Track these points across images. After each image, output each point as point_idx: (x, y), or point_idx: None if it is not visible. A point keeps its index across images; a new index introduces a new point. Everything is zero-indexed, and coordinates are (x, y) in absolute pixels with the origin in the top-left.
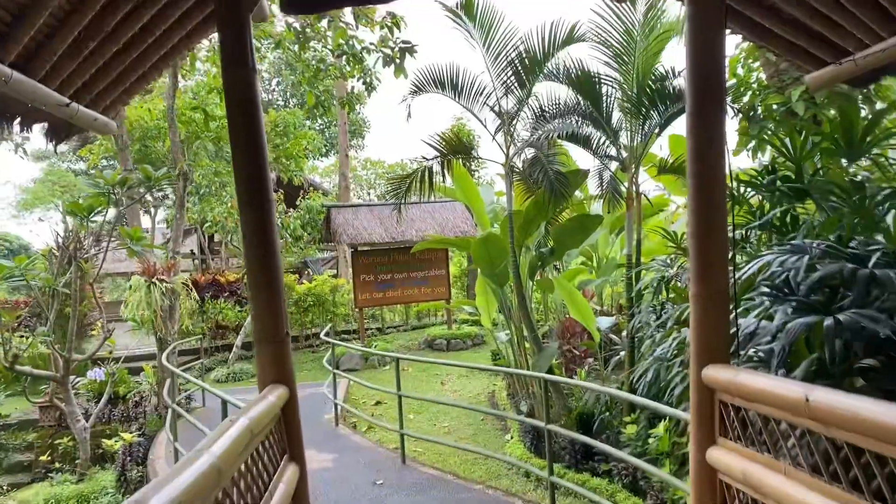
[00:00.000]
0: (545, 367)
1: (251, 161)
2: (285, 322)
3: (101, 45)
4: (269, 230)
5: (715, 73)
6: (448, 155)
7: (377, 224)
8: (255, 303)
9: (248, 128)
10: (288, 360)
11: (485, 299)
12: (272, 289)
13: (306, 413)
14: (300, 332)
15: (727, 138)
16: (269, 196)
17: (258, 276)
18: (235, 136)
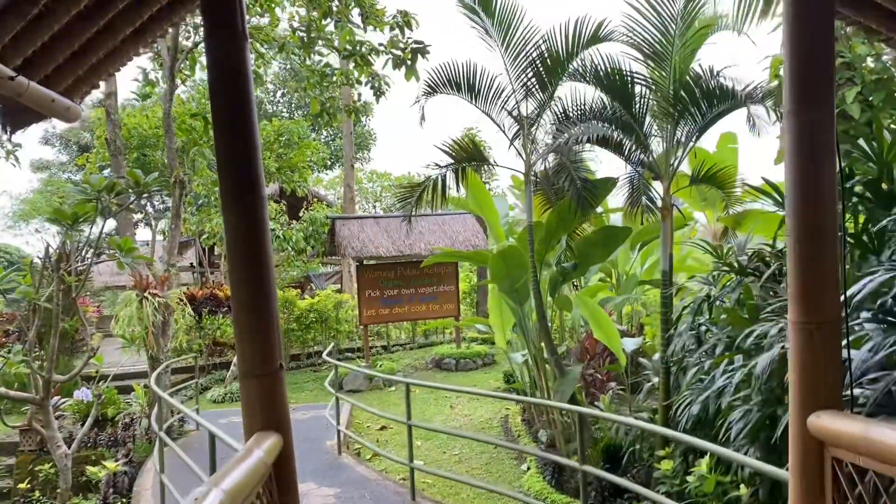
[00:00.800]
0: (568, 393)
1: (239, 148)
2: (279, 350)
3: (53, 7)
4: (259, 236)
5: (823, 59)
6: (463, 162)
7: (384, 237)
8: (240, 327)
9: (236, 107)
10: (282, 399)
11: (499, 317)
12: (263, 309)
13: (307, 439)
14: (302, 349)
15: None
16: (261, 193)
17: (245, 293)
18: (220, 117)
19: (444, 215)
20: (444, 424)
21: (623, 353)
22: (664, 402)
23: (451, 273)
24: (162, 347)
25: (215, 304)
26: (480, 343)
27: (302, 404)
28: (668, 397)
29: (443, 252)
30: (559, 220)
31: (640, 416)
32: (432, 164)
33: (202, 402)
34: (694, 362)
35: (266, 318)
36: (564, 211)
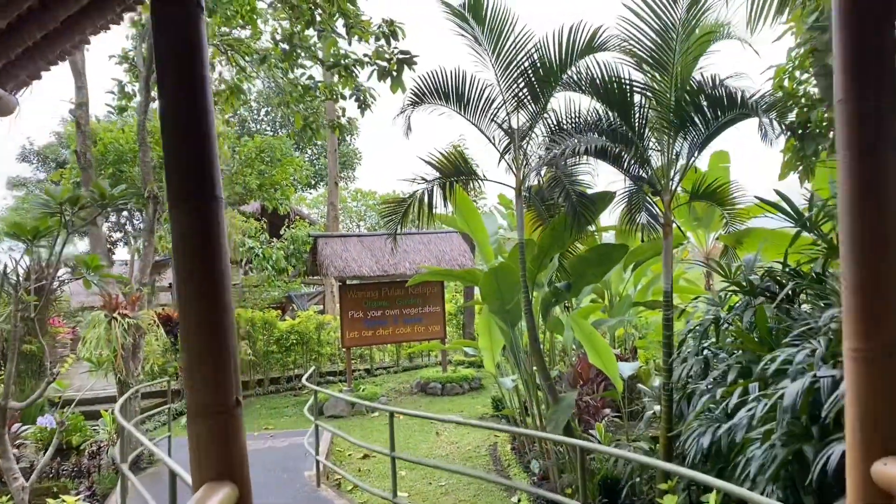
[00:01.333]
0: (563, 422)
1: (190, 142)
2: (236, 382)
3: None
4: (213, 245)
5: (880, 38)
6: (450, 177)
7: (368, 256)
8: (190, 353)
9: (188, 90)
10: (239, 442)
11: (488, 340)
12: (217, 332)
13: (285, 468)
14: (282, 373)
15: None
16: (216, 193)
17: (196, 312)
18: (168, 103)
19: (429, 234)
20: (429, 452)
21: (620, 378)
22: (667, 432)
23: (437, 294)
24: (132, 371)
25: None
26: (467, 366)
27: (280, 430)
28: (670, 427)
29: (430, 271)
30: (552, 237)
31: (638, 446)
32: (418, 178)
33: (176, 428)
34: (703, 390)
35: (221, 342)
36: (558, 228)
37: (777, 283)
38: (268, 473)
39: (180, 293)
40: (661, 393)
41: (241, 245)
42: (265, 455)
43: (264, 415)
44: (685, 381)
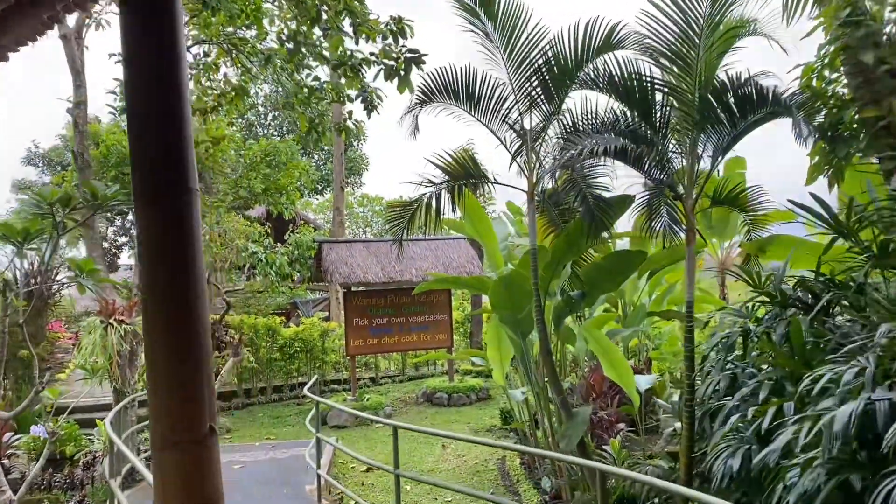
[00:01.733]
0: (577, 438)
1: (160, 122)
2: (211, 407)
3: None
4: (187, 245)
5: None
6: (459, 179)
7: (373, 262)
8: (156, 373)
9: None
10: (212, 478)
11: (497, 350)
12: (189, 349)
13: (285, 482)
14: (285, 380)
15: None
16: (191, 184)
17: (164, 325)
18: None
19: (436, 240)
20: (435, 466)
21: (637, 392)
22: (689, 451)
23: (444, 301)
24: (128, 379)
25: None
26: (474, 376)
27: (282, 441)
28: (692, 446)
29: (437, 278)
30: (567, 243)
31: (657, 465)
32: (425, 181)
33: None
34: (732, 408)
35: (194, 362)
36: (573, 233)
37: (811, 294)
38: (267, 487)
39: (145, 305)
40: (681, 409)
41: (244, 249)
42: (266, 467)
43: (266, 424)
44: (710, 397)
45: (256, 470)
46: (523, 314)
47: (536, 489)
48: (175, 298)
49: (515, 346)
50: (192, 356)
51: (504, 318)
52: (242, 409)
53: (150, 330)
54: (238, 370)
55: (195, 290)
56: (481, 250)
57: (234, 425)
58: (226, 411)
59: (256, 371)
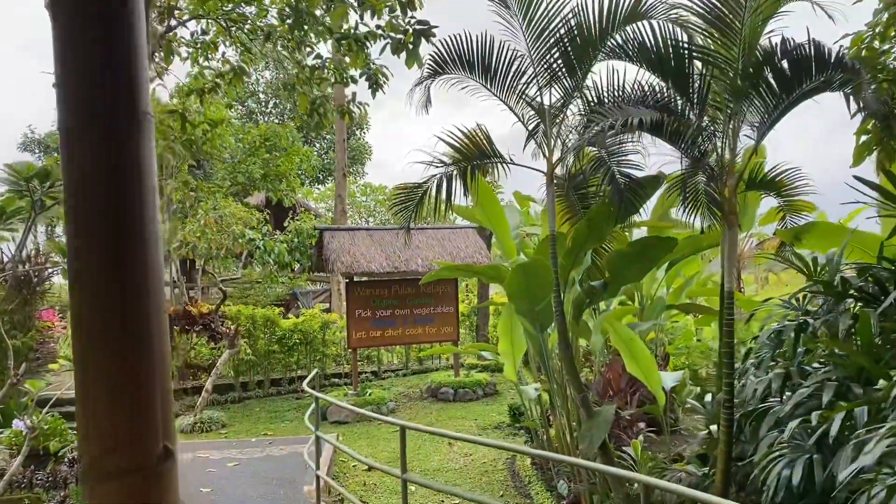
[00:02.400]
0: (599, 440)
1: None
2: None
3: None
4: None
5: None
6: (472, 160)
7: (377, 251)
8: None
9: None
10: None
11: (509, 344)
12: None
13: (282, 481)
14: (284, 374)
15: None
16: (141, 107)
17: (100, 311)
18: None
19: (443, 229)
20: (441, 465)
21: (662, 391)
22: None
23: (451, 293)
24: None
25: (188, 322)
26: (480, 370)
27: (280, 436)
28: (730, 451)
29: (446, 266)
30: (589, 228)
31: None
32: (435, 161)
33: None
34: (788, 411)
35: (143, 359)
36: (597, 217)
37: (876, 284)
38: (263, 487)
39: (71, 281)
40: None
41: (240, 236)
42: (262, 465)
43: (264, 419)
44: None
45: (252, 468)
46: (542, 305)
47: (550, 492)
48: (117, 271)
49: (532, 340)
50: (142, 352)
51: (521, 310)
52: (239, 403)
53: (79, 316)
54: (234, 363)
55: (147, 261)
56: (489, 240)
57: (230, 420)
58: (221, 405)
59: (254, 364)
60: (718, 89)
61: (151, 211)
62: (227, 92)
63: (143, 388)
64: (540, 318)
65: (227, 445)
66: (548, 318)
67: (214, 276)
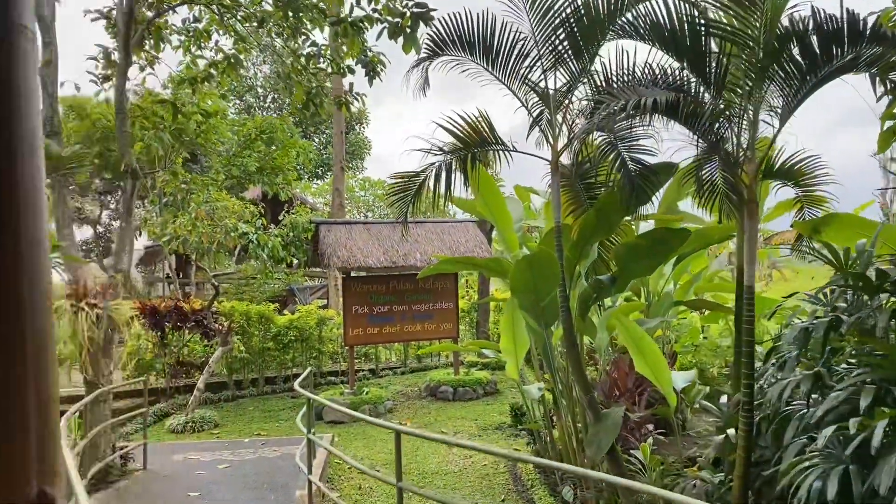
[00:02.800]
0: (607, 444)
1: None
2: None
3: None
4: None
5: None
6: (473, 147)
7: (375, 245)
8: None
9: None
10: None
11: (511, 341)
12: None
13: (274, 486)
14: (279, 372)
15: None
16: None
17: None
18: None
19: (442, 223)
20: (440, 468)
21: (673, 392)
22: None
23: (451, 289)
24: (102, 370)
25: (180, 319)
26: (481, 368)
27: (273, 437)
28: (749, 458)
29: (446, 260)
30: (598, 219)
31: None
32: (434, 148)
33: (159, 432)
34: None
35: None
36: (605, 207)
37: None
38: (253, 492)
39: None
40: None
41: (233, 230)
42: (253, 467)
43: (257, 418)
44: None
45: (243, 471)
46: (547, 300)
47: (554, 497)
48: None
49: (536, 337)
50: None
51: (525, 305)
52: (232, 402)
53: None
54: (228, 360)
55: (16, 224)
56: (490, 234)
57: (223, 419)
58: (215, 404)
59: (248, 361)
60: (737, 70)
61: (29, 160)
62: (221, 82)
63: (10, 412)
64: (545, 315)
65: (218, 446)
66: (553, 314)
67: (207, 270)
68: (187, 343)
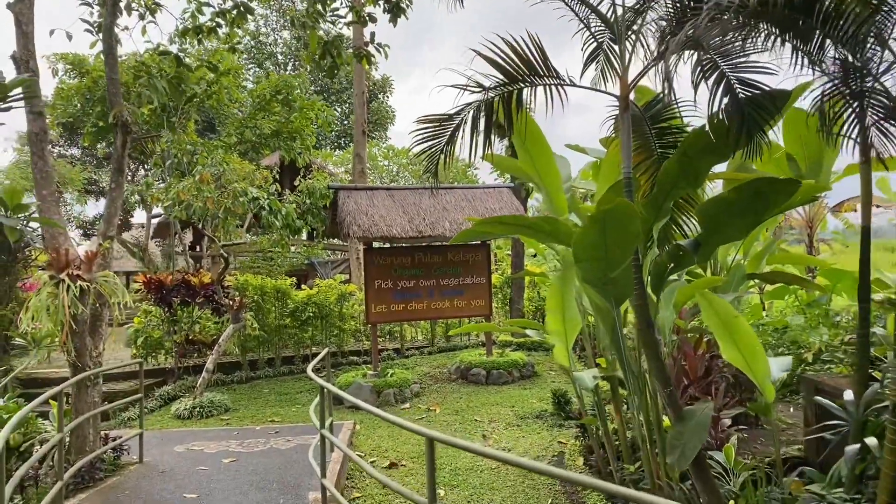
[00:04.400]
0: (694, 450)
1: None
2: None
3: None
4: None
5: None
6: (519, 82)
7: (399, 213)
8: None
9: None
10: None
11: (560, 321)
12: None
13: (284, 485)
14: (296, 351)
15: None
16: None
17: None
18: None
19: (473, 188)
20: (474, 464)
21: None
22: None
23: (483, 261)
24: (89, 351)
25: (188, 293)
26: (515, 349)
27: (288, 424)
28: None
29: (486, 221)
30: (681, 167)
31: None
32: (471, 84)
33: (164, 417)
34: None
35: None
36: (692, 150)
37: None
38: (260, 493)
39: None
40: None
41: (242, 194)
42: (262, 461)
43: (272, 402)
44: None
45: (251, 466)
46: (619, 270)
47: (610, 502)
48: None
49: (601, 317)
50: None
51: (590, 277)
52: (246, 384)
53: None
54: (241, 339)
55: None
56: (525, 202)
57: (235, 403)
58: (226, 385)
59: (263, 340)
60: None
61: None
62: (230, 34)
63: None
64: (616, 288)
65: (226, 435)
66: (625, 287)
67: (215, 240)
68: (198, 320)
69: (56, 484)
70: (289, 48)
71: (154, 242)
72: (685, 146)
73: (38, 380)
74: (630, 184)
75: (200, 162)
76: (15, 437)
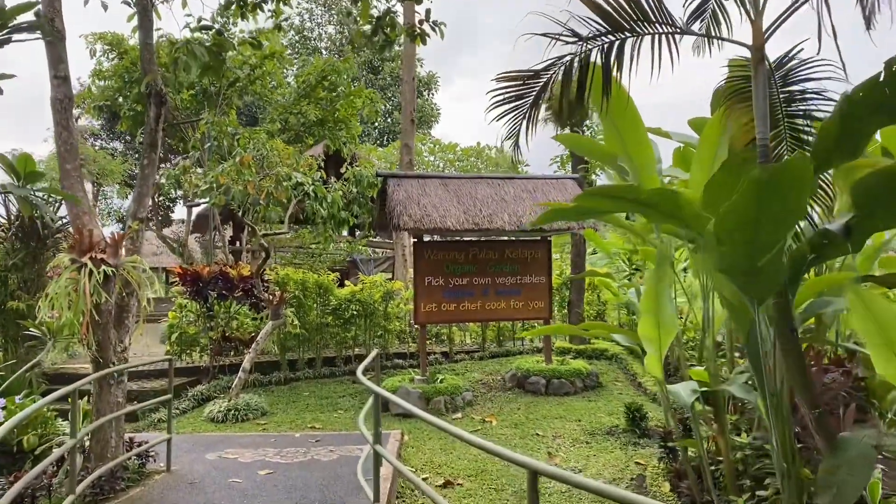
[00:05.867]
0: (858, 489)
1: None
2: None
3: None
4: None
5: None
6: (626, 30)
7: (453, 203)
8: None
9: None
10: None
11: (654, 326)
12: None
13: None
14: (339, 352)
15: None
16: None
17: None
18: None
19: (535, 179)
20: (540, 485)
21: None
22: None
23: (543, 259)
24: (113, 345)
25: (226, 287)
26: (575, 356)
27: (330, 432)
28: None
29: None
30: (842, 132)
31: None
32: (565, 33)
33: (196, 420)
34: None
35: None
36: (859, 112)
37: None
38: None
39: None
40: None
41: (284, 178)
42: (302, 475)
43: (313, 406)
44: None
45: (289, 481)
46: (768, 258)
47: None
48: None
49: (736, 318)
50: None
51: (732, 265)
52: (285, 385)
53: None
54: (280, 337)
55: None
56: None
57: (273, 407)
58: (264, 387)
59: (304, 339)
60: None
61: None
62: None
63: None
64: (760, 281)
65: (263, 442)
66: (773, 278)
67: (255, 229)
68: (235, 315)
69: (68, 498)
70: (333, 43)
71: (194, 237)
72: (849, 104)
73: (66, 375)
74: (766, 154)
75: (241, 145)
76: (30, 440)
